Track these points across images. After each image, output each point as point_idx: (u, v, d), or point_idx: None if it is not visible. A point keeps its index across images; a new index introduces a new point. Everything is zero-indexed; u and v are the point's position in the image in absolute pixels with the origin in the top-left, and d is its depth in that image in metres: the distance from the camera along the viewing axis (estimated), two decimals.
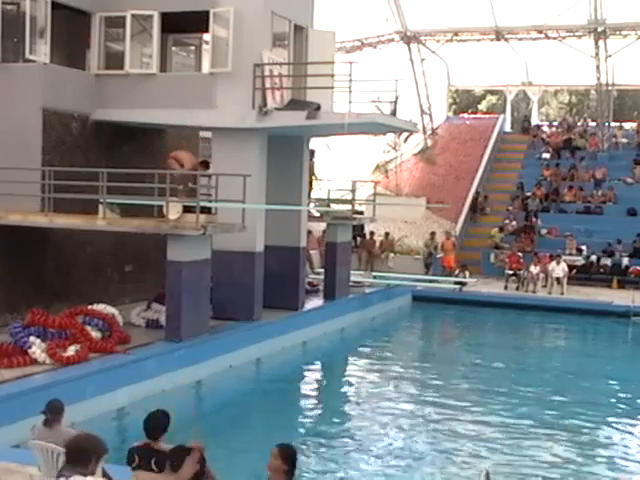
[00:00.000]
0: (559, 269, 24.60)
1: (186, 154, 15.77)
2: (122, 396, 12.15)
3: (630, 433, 12.78)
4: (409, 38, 35.06)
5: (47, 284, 15.57)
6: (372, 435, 12.06)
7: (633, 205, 29.06)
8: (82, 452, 4.44)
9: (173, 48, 20.10)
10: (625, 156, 32.54)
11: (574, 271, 25.73)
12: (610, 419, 13.39)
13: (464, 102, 48.45)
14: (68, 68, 16.79)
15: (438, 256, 26.18)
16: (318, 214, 21.19)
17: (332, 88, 17.28)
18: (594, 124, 35.29)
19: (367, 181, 29.67)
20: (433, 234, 26.87)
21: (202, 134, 20.38)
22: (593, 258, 26.64)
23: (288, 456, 5.48)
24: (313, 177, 20.87)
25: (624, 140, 34.12)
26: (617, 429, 12.93)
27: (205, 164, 16.09)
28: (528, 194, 30.78)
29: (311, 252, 23.51)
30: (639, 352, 20.33)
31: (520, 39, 34.75)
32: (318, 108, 16.19)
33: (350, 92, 16.10)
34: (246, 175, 14.65)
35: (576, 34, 33.13)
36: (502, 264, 26.34)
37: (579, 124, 36.76)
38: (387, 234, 26.90)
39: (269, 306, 16.97)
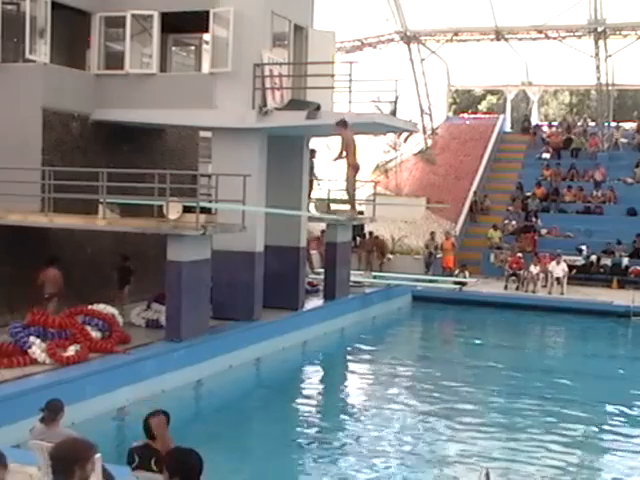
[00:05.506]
0: (559, 269, 24.59)
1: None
2: (122, 396, 12.15)
3: (630, 433, 12.76)
4: (409, 38, 35.04)
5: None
6: (372, 435, 12.08)
7: (633, 205, 29.05)
8: (63, 463, 4.09)
9: (173, 48, 20.12)
10: (625, 156, 32.47)
11: (574, 271, 25.73)
12: (609, 419, 13.41)
13: (464, 102, 48.39)
14: (68, 68, 16.80)
15: (438, 256, 26.17)
16: (318, 214, 21.18)
17: (332, 88, 17.30)
18: (594, 124, 35.27)
19: (367, 181, 29.64)
20: (433, 234, 26.86)
21: (202, 134, 20.39)
22: (593, 258, 26.65)
23: (170, 465, 4.25)
24: (313, 178, 20.82)
25: (624, 140, 34.09)
26: (616, 429, 12.92)
27: (342, 124, 15.41)
28: (528, 194, 30.77)
29: (311, 252, 23.50)
30: (639, 352, 20.32)
31: (520, 39, 34.69)
32: (318, 108, 16.20)
33: (350, 92, 16.14)
34: (246, 175, 14.66)
35: (576, 34, 33.08)
36: (502, 264, 26.33)
37: (579, 124, 36.70)
38: (371, 233, 26.23)
39: (269, 306, 16.99)
